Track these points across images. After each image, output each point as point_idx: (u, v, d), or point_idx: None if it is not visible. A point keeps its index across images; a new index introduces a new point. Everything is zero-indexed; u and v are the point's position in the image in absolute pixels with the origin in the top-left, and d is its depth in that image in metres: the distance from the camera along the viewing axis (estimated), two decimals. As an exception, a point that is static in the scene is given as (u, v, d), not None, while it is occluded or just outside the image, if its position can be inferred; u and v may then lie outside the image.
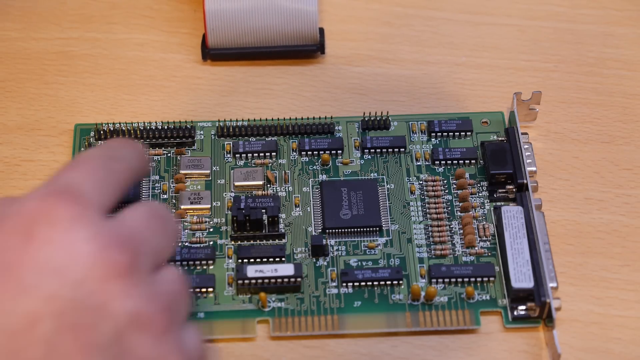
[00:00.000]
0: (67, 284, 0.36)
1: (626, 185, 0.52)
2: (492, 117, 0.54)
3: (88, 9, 0.59)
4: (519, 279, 0.47)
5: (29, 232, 0.36)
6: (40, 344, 0.35)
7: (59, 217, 0.37)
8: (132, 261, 0.37)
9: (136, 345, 0.37)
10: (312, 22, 0.56)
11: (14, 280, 0.35)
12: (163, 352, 0.37)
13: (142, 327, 0.37)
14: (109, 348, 0.36)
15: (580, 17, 0.59)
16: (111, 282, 0.36)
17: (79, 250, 0.36)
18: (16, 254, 0.36)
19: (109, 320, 0.36)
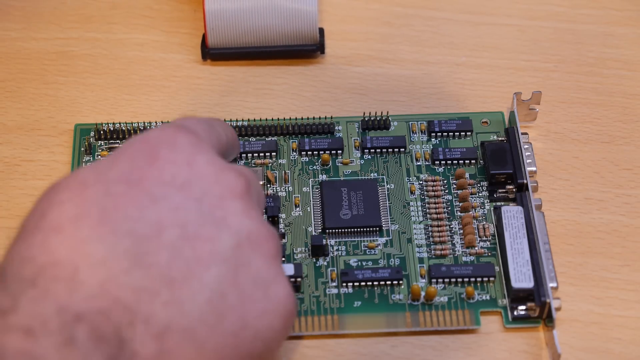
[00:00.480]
0: (191, 197, 0.39)
1: (626, 185, 0.52)
2: (492, 117, 0.54)
3: (88, 9, 0.59)
4: (519, 279, 0.47)
5: (154, 154, 0.40)
6: (165, 249, 0.38)
7: (180, 142, 0.40)
8: (247, 187, 0.41)
9: (251, 261, 0.40)
10: (312, 22, 0.56)
11: (142, 192, 0.39)
12: (275, 272, 0.40)
13: (258, 245, 0.40)
14: (227, 259, 0.39)
15: (580, 17, 0.59)
16: (230, 200, 0.40)
17: (200, 170, 0.40)
18: (143, 172, 0.39)
19: (228, 233, 0.39)
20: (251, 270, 0.39)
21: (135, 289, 0.37)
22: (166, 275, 0.37)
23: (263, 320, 0.39)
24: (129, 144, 0.40)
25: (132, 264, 0.37)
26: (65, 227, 0.37)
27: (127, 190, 0.38)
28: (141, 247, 0.37)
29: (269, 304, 0.40)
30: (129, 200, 0.38)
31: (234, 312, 0.39)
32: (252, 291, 0.39)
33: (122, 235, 0.37)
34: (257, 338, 0.39)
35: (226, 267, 0.39)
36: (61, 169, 0.53)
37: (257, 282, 0.39)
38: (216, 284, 0.38)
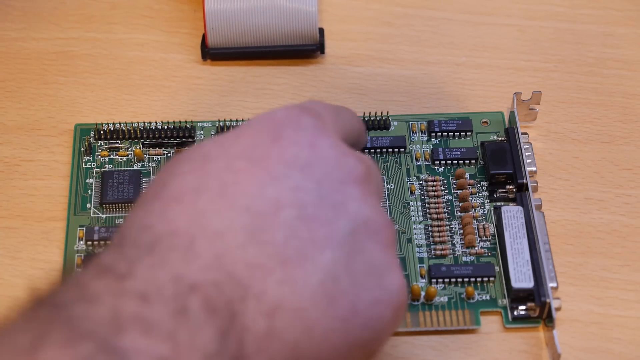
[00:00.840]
0: (312, 179, 0.39)
1: (626, 185, 0.52)
2: (492, 117, 0.54)
3: (88, 9, 0.59)
4: (519, 279, 0.47)
5: (278, 133, 0.40)
6: (282, 228, 0.37)
7: (305, 123, 0.40)
8: (367, 174, 0.40)
9: (367, 248, 0.39)
10: (312, 22, 0.56)
11: (262, 170, 0.38)
12: (389, 262, 0.40)
13: (374, 233, 0.39)
14: (343, 244, 0.38)
15: (580, 17, 0.59)
16: (350, 185, 0.39)
17: (322, 153, 0.40)
18: (265, 150, 0.39)
19: (346, 218, 0.39)
20: (366, 257, 0.39)
21: (250, 265, 0.36)
22: (281, 253, 0.37)
23: (374, 309, 0.39)
24: (255, 121, 0.40)
25: (248, 240, 0.37)
26: (185, 197, 0.37)
27: (248, 166, 0.38)
28: (258, 224, 0.37)
29: (382, 293, 0.39)
30: (250, 177, 0.38)
31: (346, 298, 0.38)
32: (365, 278, 0.39)
33: (240, 210, 0.37)
34: (367, 327, 0.38)
35: (341, 252, 0.38)
36: (61, 169, 0.53)
37: (371, 269, 0.39)
38: (330, 267, 0.38)
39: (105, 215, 0.50)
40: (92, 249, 0.49)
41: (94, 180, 0.52)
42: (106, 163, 0.52)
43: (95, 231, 0.49)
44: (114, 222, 0.50)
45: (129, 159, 0.52)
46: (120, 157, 0.53)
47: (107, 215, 0.50)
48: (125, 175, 0.51)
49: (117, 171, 0.52)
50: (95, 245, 0.49)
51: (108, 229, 0.49)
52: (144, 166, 0.52)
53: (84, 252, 0.49)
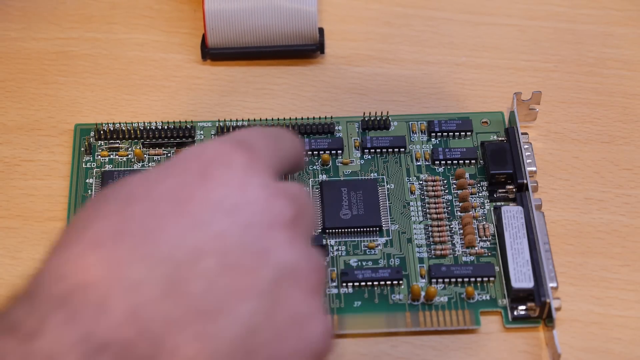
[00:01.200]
0: (237, 225, 0.37)
1: (626, 185, 0.52)
2: (492, 117, 0.54)
3: (88, 9, 0.59)
4: (519, 279, 0.47)
5: (207, 172, 0.38)
6: (202, 279, 0.36)
7: (235, 161, 0.38)
8: (297, 216, 0.39)
9: (290, 296, 0.38)
10: (311, 22, 0.56)
11: (186, 214, 0.37)
12: (313, 309, 0.38)
13: (298, 280, 0.38)
14: (265, 293, 0.37)
15: (580, 17, 0.59)
16: (277, 230, 0.38)
17: (251, 195, 0.38)
18: (192, 191, 0.37)
19: (269, 266, 0.37)
20: (289, 307, 0.37)
21: (165, 319, 0.35)
22: (199, 306, 0.36)
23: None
24: (183, 156, 0.39)
25: (166, 292, 0.35)
26: (105, 243, 0.36)
27: (172, 210, 0.37)
28: (177, 274, 0.36)
29: (302, 343, 0.38)
30: (173, 222, 0.37)
31: (265, 350, 0.37)
32: (287, 329, 0.37)
33: (160, 259, 0.36)
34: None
35: (262, 302, 0.37)
36: (61, 169, 0.53)
37: (294, 319, 0.38)
38: (250, 319, 0.36)
39: (105, 215, 0.50)
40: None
41: (94, 180, 0.52)
42: (106, 163, 0.52)
43: (95, 231, 0.49)
44: (114, 222, 0.50)
45: (129, 159, 0.52)
46: (120, 157, 0.52)
47: (107, 215, 0.50)
48: (125, 175, 0.51)
49: (117, 171, 0.52)
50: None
51: (108, 229, 0.49)
52: (144, 166, 0.52)
53: (84, 252, 0.49)
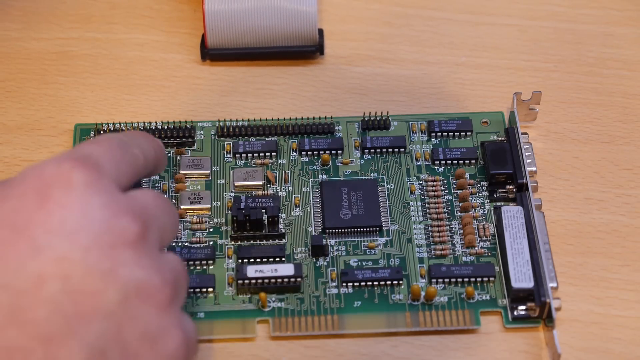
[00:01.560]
0: (78, 248, 0.36)
1: (626, 185, 0.52)
2: (492, 117, 0.54)
3: (88, 9, 0.59)
4: (519, 279, 0.47)
5: (45, 194, 0.37)
6: (45, 305, 0.35)
7: (75, 181, 0.37)
8: (142, 232, 0.38)
9: (140, 315, 0.37)
10: (311, 23, 0.56)
11: (25, 240, 0.36)
12: (165, 324, 0.38)
13: (148, 297, 0.38)
14: (112, 314, 0.37)
15: (580, 17, 0.59)
16: (121, 249, 0.37)
17: (92, 216, 0.37)
18: (30, 215, 0.37)
19: (115, 287, 0.37)
20: (138, 325, 0.37)
21: (9, 348, 0.35)
22: (44, 332, 0.35)
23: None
24: (21, 177, 0.38)
25: (8, 321, 0.35)
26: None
27: (10, 237, 0.36)
28: (19, 302, 0.35)
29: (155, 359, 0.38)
30: (11, 250, 0.36)
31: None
32: (138, 347, 0.37)
33: (0, 288, 0.35)
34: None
35: (109, 323, 0.36)
36: (61, 169, 0.53)
37: (145, 336, 0.37)
38: (97, 341, 0.36)
39: (105, 215, 0.50)
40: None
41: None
42: (106, 163, 0.52)
43: (95, 231, 0.49)
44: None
45: (129, 159, 0.52)
46: (120, 157, 0.52)
47: (107, 215, 0.50)
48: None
49: (117, 171, 0.52)
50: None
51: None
52: (144, 166, 0.52)
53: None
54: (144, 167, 0.43)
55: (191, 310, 0.47)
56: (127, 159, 0.41)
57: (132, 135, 0.44)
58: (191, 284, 0.48)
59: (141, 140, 0.43)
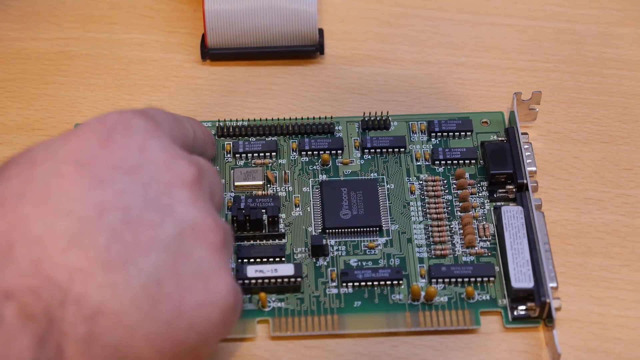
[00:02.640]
0: (138, 183, 0.39)
1: (626, 185, 0.52)
2: (492, 117, 0.54)
3: (88, 9, 0.59)
4: (519, 279, 0.47)
5: (107, 136, 0.40)
6: (105, 232, 0.38)
7: (136, 126, 0.40)
8: (198, 176, 0.41)
9: (194, 251, 0.39)
10: (311, 23, 0.56)
11: (88, 174, 0.38)
12: (217, 265, 0.40)
13: (202, 236, 0.40)
14: (168, 247, 0.39)
15: (580, 17, 0.59)
16: (178, 188, 0.40)
17: (151, 155, 0.40)
18: (93, 154, 0.39)
19: (172, 221, 0.39)
20: (192, 261, 0.39)
21: (70, 269, 0.37)
22: (103, 257, 0.37)
23: (200, 312, 0.39)
24: (86, 124, 0.40)
25: (70, 244, 0.37)
26: (8, 202, 0.38)
27: (74, 170, 0.38)
28: (81, 228, 0.37)
29: (208, 296, 0.40)
30: (75, 181, 0.38)
31: (170, 301, 0.38)
32: (192, 282, 0.39)
33: (63, 215, 0.37)
34: (192, 329, 0.39)
35: (166, 255, 0.39)
36: (61, 169, 0.53)
37: (198, 273, 0.39)
38: (154, 270, 0.38)
39: (105, 215, 0.50)
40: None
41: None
42: (106, 163, 0.52)
43: (95, 231, 0.49)
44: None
45: (129, 159, 0.52)
46: (120, 157, 0.52)
47: (107, 215, 0.50)
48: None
49: (117, 171, 0.52)
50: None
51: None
52: (144, 166, 0.52)
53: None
54: (193, 141, 0.45)
55: None
56: (179, 127, 0.44)
57: (185, 117, 0.46)
58: None
59: (192, 121, 0.47)
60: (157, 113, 0.43)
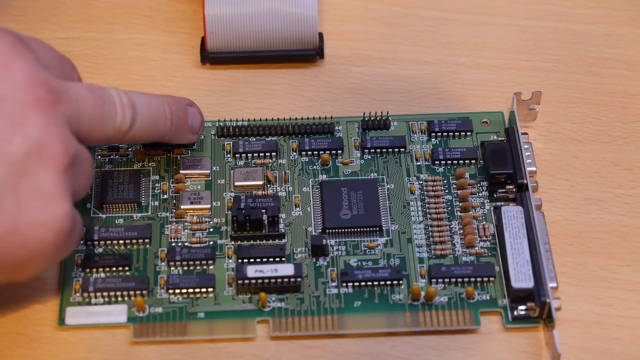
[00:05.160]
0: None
1: (626, 185, 0.52)
2: (492, 117, 0.54)
3: (88, 9, 0.59)
4: (519, 279, 0.47)
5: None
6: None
7: (5, 44, 0.42)
8: (55, 102, 0.42)
9: (37, 172, 0.41)
10: (312, 27, 0.56)
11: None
12: (57, 190, 0.41)
13: (47, 160, 0.41)
14: (12, 163, 0.40)
15: (580, 17, 0.59)
16: (32, 109, 0.41)
17: (13, 74, 0.41)
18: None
19: (21, 139, 0.40)
20: (34, 181, 0.41)
21: None
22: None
23: (34, 232, 0.41)
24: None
25: None
26: None
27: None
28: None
29: (44, 218, 0.41)
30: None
31: (6, 215, 0.40)
32: (30, 201, 0.41)
33: None
34: (24, 247, 0.41)
35: (9, 170, 0.40)
36: (61, 169, 0.53)
37: (37, 194, 0.41)
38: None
39: (105, 215, 0.50)
40: (92, 249, 0.49)
41: (93, 180, 0.51)
42: (106, 163, 0.52)
43: (95, 231, 0.49)
44: (114, 222, 0.50)
45: (129, 159, 0.52)
46: (120, 157, 0.52)
47: (107, 215, 0.50)
48: (125, 175, 0.51)
49: (117, 171, 0.52)
50: (95, 245, 0.49)
51: (108, 229, 0.49)
52: (144, 166, 0.52)
53: (84, 252, 0.49)
54: (99, 88, 0.45)
55: (191, 310, 0.47)
56: (59, 63, 0.45)
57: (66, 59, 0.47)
58: (191, 284, 0.48)
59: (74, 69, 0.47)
60: (36, 43, 0.44)
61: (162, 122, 0.48)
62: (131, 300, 0.48)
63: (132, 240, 0.49)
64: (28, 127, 0.41)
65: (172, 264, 0.49)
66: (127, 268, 0.49)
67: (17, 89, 0.41)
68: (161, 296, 0.48)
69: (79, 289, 0.48)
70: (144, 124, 0.47)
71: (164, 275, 0.49)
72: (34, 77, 0.42)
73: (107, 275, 0.48)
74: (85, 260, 0.49)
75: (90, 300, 0.48)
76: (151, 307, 0.48)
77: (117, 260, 0.49)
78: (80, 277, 0.48)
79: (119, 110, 0.45)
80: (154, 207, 0.51)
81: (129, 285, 0.48)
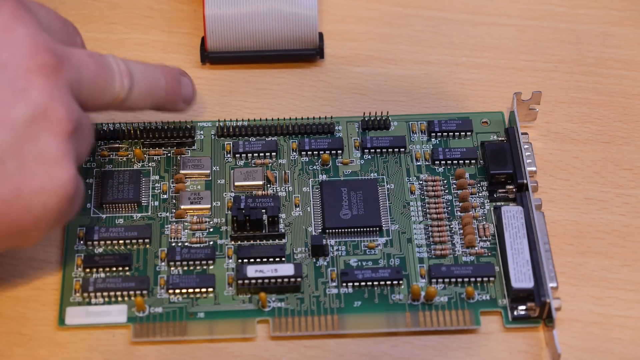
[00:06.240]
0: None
1: (626, 185, 0.52)
2: (492, 117, 0.54)
3: (88, 9, 0.59)
4: (519, 279, 0.47)
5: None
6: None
7: (6, 8, 0.41)
8: (58, 67, 0.42)
9: (41, 137, 0.41)
10: (312, 27, 0.56)
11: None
12: (60, 154, 0.41)
13: (50, 125, 0.41)
14: (17, 128, 0.40)
15: (580, 17, 0.59)
16: (36, 74, 0.41)
17: (15, 38, 0.41)
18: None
19: (24, 105, 0.40)
20: (38, 146, 0.41)
21: None
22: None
23: (39, 197, 0.41)
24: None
25: None
26: None
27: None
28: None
29: (48, 183, 0.41)
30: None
31: (10, 181, 0.40)
32: (34, 166, 0.41)
33: None
34: (28, 212, 0.41)
35: (13, 136, 0.40)
36: (61, 169, 0.53)
37: (42, 159, 0.41)
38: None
39: (105, 215, 0.50)
40: (91, 249, 0.49)
41: (94, 180, 0.52)
42: (106, 163, 0.52)
43: (95, 231, 0.49)
44: (114, 222, 0.50)
45: (129, 159, 0.52)
46: (120, 157, 0.52)
47: (107, 215, 0.50)
48: (125, 175, 0.51)
49: (117, 171, 0.52)
50: (95, 245, 0.49)
51: (108, 229, 0.49)
52: (144, 166, 0.52)
53: (84, 252, 0.49)
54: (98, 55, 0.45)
55: (191, 310, 0.47)
56: (62, 30, 0.45)
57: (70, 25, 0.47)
58: (191, 284, 0.48)
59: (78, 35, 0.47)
60: (39, 7, 0.44)
61: (158, 91, 0.48)
62: (131, 300, 0.48)
63: (132, 240, 0.49)
64: (31, 92, 0.41)
65: (172, 264, 0.49)
66: (127, 268, 0.49)
67: (20, 54, 0.41)
68: (161, 296, 0.48)
69: (79, 289, 0.48)
70: (141, 92, 0.47)
71: (164, 275, 0.49)
72: (36, 41, 0.41)
73: (107, 275, 0.48)
74: (85, 260, 0.49)
75: (90, 300, 0.48)
76: (151, 307, 0.48)
77: (117, 260, 0.49)
78: (80, 277, 0.48)
79: (118, 78, 0.45)
80: (154, 207, 0.51)
81: (129, 285, 0.48)
